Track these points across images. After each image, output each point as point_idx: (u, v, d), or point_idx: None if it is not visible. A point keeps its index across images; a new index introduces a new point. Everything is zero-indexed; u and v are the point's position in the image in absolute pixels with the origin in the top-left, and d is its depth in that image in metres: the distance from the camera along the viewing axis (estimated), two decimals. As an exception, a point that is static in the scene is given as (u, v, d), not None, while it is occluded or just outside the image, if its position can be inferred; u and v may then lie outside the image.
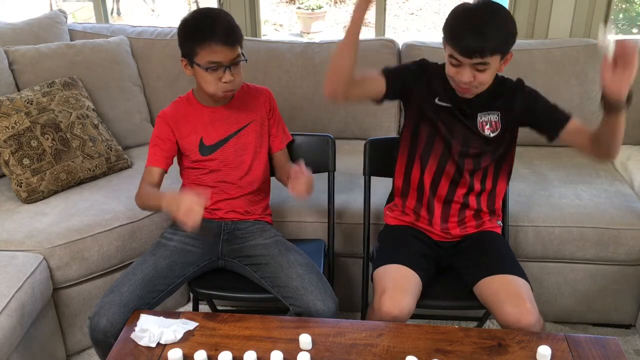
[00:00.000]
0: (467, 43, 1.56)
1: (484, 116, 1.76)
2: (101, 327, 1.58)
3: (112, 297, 1.64)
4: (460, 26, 1.59)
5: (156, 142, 1.86)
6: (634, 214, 2.16)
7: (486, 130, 1.76)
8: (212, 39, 1.68)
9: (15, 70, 2.48)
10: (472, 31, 1.56)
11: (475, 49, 1.56)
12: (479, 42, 1.55)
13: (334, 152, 2.06)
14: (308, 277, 1.71)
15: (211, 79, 1.74)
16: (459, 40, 1.58)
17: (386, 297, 1.61)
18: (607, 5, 2.82)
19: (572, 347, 1.46)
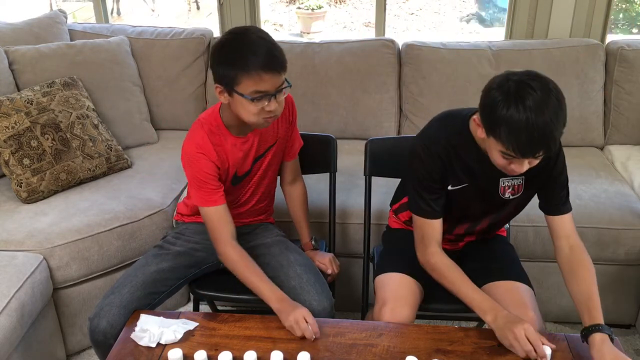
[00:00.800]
0: (532, 149, 1.37)
1: (507, 181, 1.62)
2: (101, 329, 1.58)
3: (112, 298, 1.63)
4: (520, 126, 1.34)
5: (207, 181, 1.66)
6: (634, 214, 2.16)
7: (507, 194, 1.64)
8: (259, 67, 1.50)
9: (15, 70, 2.48)
10: (538, 135, 1.35)
11: (542, 150, 1.38)
12: (547, 147, 1.38)
13: (335, 152, 2.05)
14: (306, 277, 1.71)
15: (255, 109, 1.56)
16: (522, 145, 1.36)
17: (387, 309, 1.61)
18: (607, 5, 2.82)
19: (572, 347, 1.46)
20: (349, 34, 7.22)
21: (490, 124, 1.40)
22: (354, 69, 2.71)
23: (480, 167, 1.59)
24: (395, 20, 7.35)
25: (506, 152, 1.40)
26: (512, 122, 1.35)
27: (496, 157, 1.45)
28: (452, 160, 1.59)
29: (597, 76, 2.64)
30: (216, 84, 1.59)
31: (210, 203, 1.68)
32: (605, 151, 2.68)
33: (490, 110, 1.39)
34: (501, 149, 1.41)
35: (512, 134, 1.36)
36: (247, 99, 1.54)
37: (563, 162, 1.64)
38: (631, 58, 2.60)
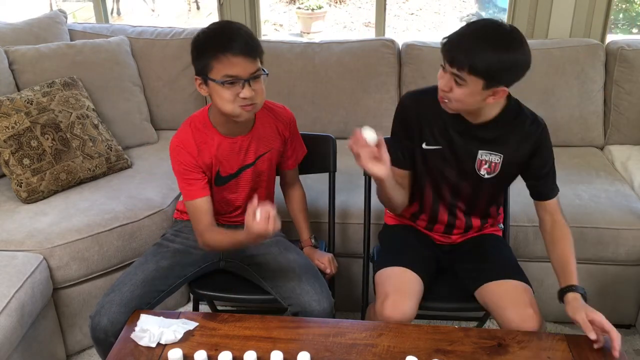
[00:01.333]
0: (451, 47, 1.48)
1: (485, 155, 1.67)
2: (102, 326, 1.59)
3: (112, 296, 1.64)
4: (459, 32, 1.50)
5: (186, 175, 1.71)
6: (634, 214, 2.16)
7: (482, 170, 1.69)
8: (229, 50, 1.51)
9: (15, 70, 2.48)
10: (463, 40, 1.47)
11: (454, 57, 1.47)
12: (461, 52, 1.45)
13: (335, 152, 2.05)
14: (305, 277, 1.71)
15: (228, 96, 1.55)
16: (448, 41, 1.49)
17: (388, 302, 1.60)
18: (607, 5, 2.82)
19: (572, 347, 1.46)
20: (349, 34, 7.22)
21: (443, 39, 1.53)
22: (354, 69, 2.71)
23: (460, 136, 1.65)
24: (395, 20, 7.35)
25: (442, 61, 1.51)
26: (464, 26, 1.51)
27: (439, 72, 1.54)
28: (431, 118, 1.66)
29: (597, 76, 2.64)
30: (195, 77, 1.62)
31: (189, 196, 1.72)
32: (605, 151, 2.68)
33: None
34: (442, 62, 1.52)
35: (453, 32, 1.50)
36: (219, 84, 1.54)
37: (547, 156, 1.69)
38: (631, 58, 2.60)
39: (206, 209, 1.71)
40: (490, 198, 1.78)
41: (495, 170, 1.68)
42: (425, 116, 1.68)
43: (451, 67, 1.48)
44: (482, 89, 1.49)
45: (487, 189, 1.73)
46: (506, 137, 1.65)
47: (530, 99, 2.70)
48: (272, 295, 1.77)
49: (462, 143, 1.66)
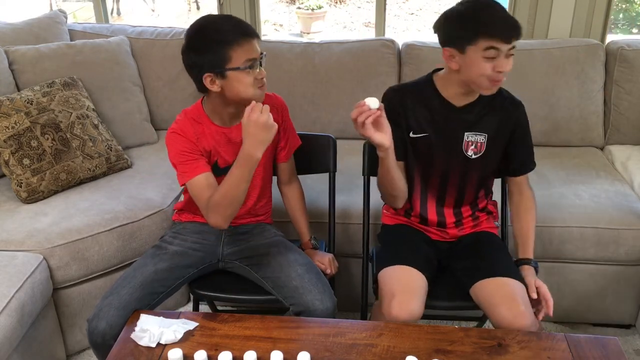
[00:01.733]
0: (505, 25, 1.53)
1: (470, 136, 1.73)
2: (100, 330, 1.58)
3: (110, 299, 1.63)
4: (488, 14, 1.54)
5: (184, 156, 1.69)
6: (634, 214, 2.16)
7: (470, 151, 1.74)
8: (244, 36, 1.57)
9: (15, 70, 2.48)
10: (502, 13, 1.54)
11: (513, 28, 1.53)
12: (514, 20, 1.54)
13: (335, 152, 2.05)
14: (307, 277, 1.71)
15: (250, 80, 1.60)
16: (497, 25, 1.53)
17: (396, 302, 1.60)
18: (607, 5, 2.82)
19: (572, 347, 1.46)
20: (349, 34, 7.23)
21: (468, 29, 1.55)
22: (354, 69, 2.71)
23: (446, 121, 1.71)
24: (395, 20, 7.36)
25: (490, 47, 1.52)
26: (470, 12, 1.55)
27: (480, 66, 1.56)
28: (415, 107, 1.72)
29: (597, 76, 2.64)
30: (206, 75, 1.60)
31: (189, 174, 1.68)
32: (605, 151, 2.68)
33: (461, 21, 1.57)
34: (484, 46, 1.53)
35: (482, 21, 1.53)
36: (242, 71, 1.58)
37: (525, 133, 1.78)
38: (631, 58, 2.60)
39: (209, 183, 1.66)
40: (479, 181, 1.81)
41: (481, 150, 1.75)
42: (409, 106, 1.74)
43: (509, 43, 1.54)
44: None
45: (475, 170, 1.77)
46: (488, 117, 1.72)
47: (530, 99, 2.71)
48: (272, 296, 1.77)
49: (448, 127, 1.73)
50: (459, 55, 1.59)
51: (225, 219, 1.64)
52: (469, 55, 1.57)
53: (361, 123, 1.56)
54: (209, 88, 1.63)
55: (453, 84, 1.68)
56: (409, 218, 1.89)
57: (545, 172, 2.45)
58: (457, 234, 1.86)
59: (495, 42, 1.53)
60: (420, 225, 1.88)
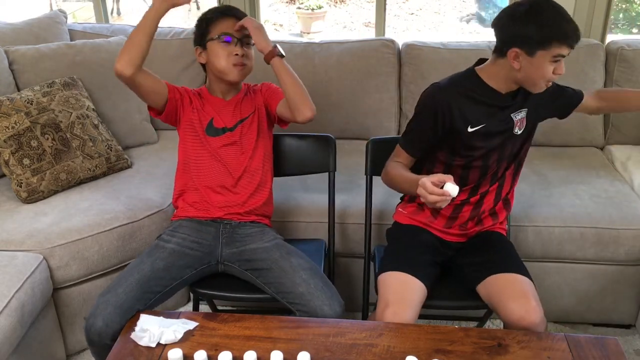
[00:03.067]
0: (573, 32, 1.57)
1: (517, 115, 1.75)
2: (96, 328, 1.57)
3: (108, 297, 1.63)
4: (559, 21, 1.57)
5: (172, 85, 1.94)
6: (634, 214, 2.16)
7: (516, 129, 1.76)
8: (223, 14, 1.86)
9: (15, 70, 2.48)
10: (567, 19, 1.57)
11: (578, 35, 1.58)
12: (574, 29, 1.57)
13: (335, 152, 2.06)
14: (313, 282, 1.70)
15: (223, 53, 1.84)
16: (569, 34, 1.56)
17: (389, 312, 1.61)
18: (607, 5, 2.82)
19: (572, 347, 1.46)
20: (349, 34, 7.23)
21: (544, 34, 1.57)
22: (354, 69, 2.71)
23: (497, 109, 1.73)
24: (395, 20, 7.36)
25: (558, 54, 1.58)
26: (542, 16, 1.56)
27: (546, 69, 1.62)
28: (464, 104, 1.71)
29: (597, 76, 2.64)
30: (195, 47, 1.93)
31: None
32: (605, 151, 2.68)
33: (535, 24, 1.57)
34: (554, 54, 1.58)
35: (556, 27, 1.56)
36: (216, 42, 1.85)
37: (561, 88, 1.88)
38: (631, 58, 2.60)
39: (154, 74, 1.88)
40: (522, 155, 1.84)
41: (523, 125, 1.77)
42: (461, 103, 1.72)
43: (573, 47, 1.60)
44: None
45: (520, 145, 1.81)
46: (524, 93, 1.74)
47: (530, 99, 2.69)
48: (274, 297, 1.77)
49: (499, 114, 1.73)
50: (524, 56, 1.60)
51: (122, 61, 1.75)
52: (537, 58, 1.59)
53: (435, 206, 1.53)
54: (198, 60, 1.93)
55: (502, 78, 1.69)
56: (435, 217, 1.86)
57: (545, 172, 2.45)
58: (475, 231, 1.86)
59: (566, 49, 1.58)
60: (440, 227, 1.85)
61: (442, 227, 1.85)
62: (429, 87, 1.76)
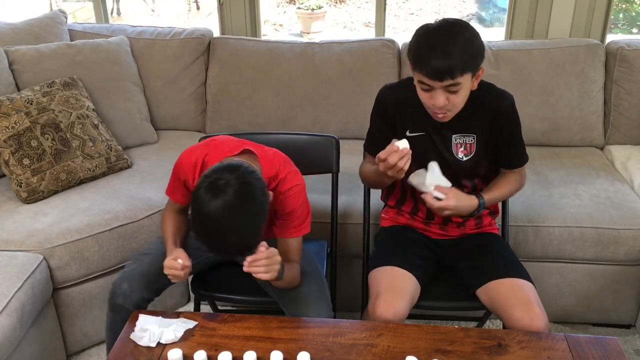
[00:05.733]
0: (434, 65, 1.48)
1: (458, 138, 1.71)
2: (122, 290, 1.65)
3: (135, 265, 1.73)
4: (425, 49, 1.50)
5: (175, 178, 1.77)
6: (634, 214, 2.16)
7: (460, 154, 1.72)
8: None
9: (15, 70, 2.48)
10: (437, 52, 1.48)
11: (444, 70, 1.48)
12: (446, 63, 1.47)
13: (338, 153, 2.05)
14: (307, 288, 1.70)
15: None
16: (426, 63, 1.49)
17: (380, 302, 1.61)
18: (607, 5, 2.82)
19: (572, 347, 1.46)
20: (349, 34, 7.22)
21: (409, 55, 1.55)
22: (354, 69, 2.71)
23: (435, 124, 1.69)
24: (395, 20, 7.36)
25: (421, 81, 1.54)
26: (417, 40, 1.54)
27: (419, 92, 1.59)
28: (412, 106, 1.69)
29: (597, 76, 2.64)
30: None
31: (168, 191, 1.79)
32: (605, 151, 2.68)
33: (410, 43, 1.56)
34: (418, 79, 1.55)
35: (418, 53, 1.52)
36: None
37: (515, 128, 1.74)
38: (631, 58, 2.60)
39: (174, 209, 1.79)
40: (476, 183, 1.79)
41: (471, 151, 1.72)
42: (406, 105, 1.72)
43: (441, 81, 1.50)
44: (471, 80, 1.56)
45: (468, 172, 1.75)
46: (476, 117, 1.68)
47: (530, 99, 2.71)
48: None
49: (437, 130, 1.71)
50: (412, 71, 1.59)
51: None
52: (414, 77, 1.58)
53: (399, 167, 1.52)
54: None
55: None
56: (413, 218, 1.88)
57: (545, 172, 2.45)
58: (459, 233, 1.86)
59: (425, 78, 1.51)
60: (422, 225, 1.87)
61: (422, 225, 1.87)
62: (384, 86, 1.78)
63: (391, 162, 1.51)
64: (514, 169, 1.79)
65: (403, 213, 1.90)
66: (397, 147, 1.52)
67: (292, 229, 1.67)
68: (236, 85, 2.76)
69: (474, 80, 1.58)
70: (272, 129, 2.69)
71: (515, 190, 1.81)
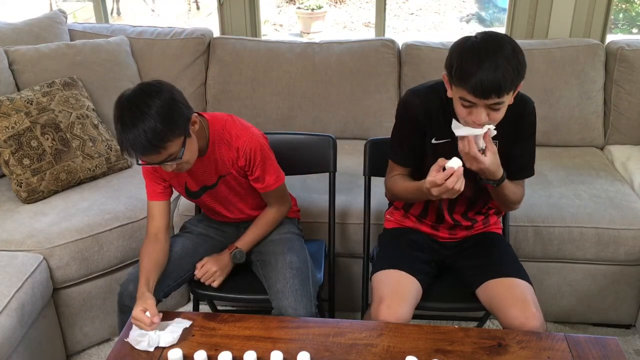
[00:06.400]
0: (482, 83, 1.42)
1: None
2: (129, 292, 1.65)
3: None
4: (471, 65, 1.44)
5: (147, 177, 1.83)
6: (634, 214, 2.16)
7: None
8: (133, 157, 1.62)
9: (15, 70, 2.48)
10: (485, 70, 1.42)
11: (491, 90, 1.42)
12: (495, 81, 1.42)
13: (335, 153, 2.05)
14: (291, 282, 1.72)
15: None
16: (472, 80, 1.43)
17: (383, 306, 1.60)
18: (607, 5, 2.82)
19: (572, 347, 1.46)
20: (349, 34, 7.22)
21: (452, 69, 1.50)
22: (354, 69, 2.71)
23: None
24: (395, 20, 7.36)
25: (463, 97, 1.48)
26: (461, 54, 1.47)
27: (458, 107, 1.53)
28: (437, 112, 1.66)
29: (597, 76, 2.64)
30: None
31: (147, 196, 1.81)
32: (605, 151, 2.68)
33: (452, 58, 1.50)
34: (459, 95, 1.49)
35: (463, 69, 1.45)
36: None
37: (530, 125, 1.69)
38: (631, 58, 2.60)
39: (154, 215, 1.78)
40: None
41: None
42: (433, 112, 1.67)
43: (487, 99, 1.45)
44: (512, 95, 1.52)
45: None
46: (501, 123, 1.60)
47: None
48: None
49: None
50: (449, 84, 1.55)
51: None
52: (453, 91, 1.54)
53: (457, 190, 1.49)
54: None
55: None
56: (421, 221, 1.87)
57: (545, 172, 2.45)
58: (466, 234, 1.85)
59: (470, 95, 1.46)
60: (429, 230, 1.86)
61: (430, 229, 1.86)
62: (408, 91, 1.73)
63: (449, 186, 1.47)
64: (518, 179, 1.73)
65: (410, 216, 1.89)
66: (452, 168, 1.47)
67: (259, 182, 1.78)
68: (236, 85, 2.76)
69: (514, 95, 1.54)
70: (272, 128, 2.69)
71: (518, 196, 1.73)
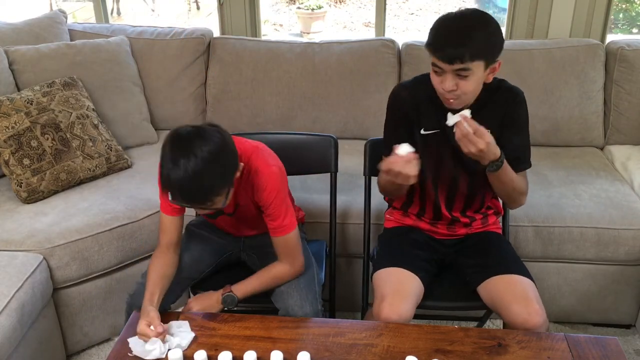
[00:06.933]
0: (446, 47, 1.51)
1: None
2: (138, 305, 1.61)
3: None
4: (441, 32, 1.54)
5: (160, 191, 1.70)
6: (634, 214, 2.16)
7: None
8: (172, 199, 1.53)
9: (15, 70, 2.48)
10: (451, 35, 1.51)
11: (454, 54, 1.49)
12: (458, 46, 1.49)
13: (336, 153, 2.05)
14: (295, 282, 1.72)
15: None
16: (439, 45, 1.52)
17: (385, 304, 1.60)
18: (607, 5, 2.82)
19: (572, 347, 1.46)
20: (349, 34, 7.22)
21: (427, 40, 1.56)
22: (354, 69, 2.71)
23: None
24: (395, 20, 7.36)
25: (434, 63, 1.54)
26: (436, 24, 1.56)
27: (432, 76, 1.59)
28: (427, 104, 1.69)
29: (597, 76, 2.64)
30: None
31: (161, 208, 1.71)
32: (605, 151, 2.68)
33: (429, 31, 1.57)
34: (432, 61, 1.55)
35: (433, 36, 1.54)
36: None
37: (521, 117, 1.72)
38: (631, 58, 2.60)
39: (167, 229, 1.71)
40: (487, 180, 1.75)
41: None
42: (421, 102, 1.71)
43: (451, 64, 1.51)
44: (483, 70, 1.55)
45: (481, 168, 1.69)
46: (490, 113, 1.67)
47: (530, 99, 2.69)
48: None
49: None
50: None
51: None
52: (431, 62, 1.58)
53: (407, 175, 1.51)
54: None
55: None
56: (420, 219, 1.88)
57: (545, 172, 2.45)
58: (465, 232, 1.86)
59: (437, 60, 1.53)
60: (428, 226, 1.87)
61: (429, 226, 1.86)
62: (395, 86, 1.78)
63: (395, 170, 1.51)
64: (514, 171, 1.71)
65: (409, 215, 1.89)
66: (400, 154, 1.51)
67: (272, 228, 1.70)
68: (236, 85, 2.76)
69: (489, 73, 1.58)
70: (272, 128, 2.69)
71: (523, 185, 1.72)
